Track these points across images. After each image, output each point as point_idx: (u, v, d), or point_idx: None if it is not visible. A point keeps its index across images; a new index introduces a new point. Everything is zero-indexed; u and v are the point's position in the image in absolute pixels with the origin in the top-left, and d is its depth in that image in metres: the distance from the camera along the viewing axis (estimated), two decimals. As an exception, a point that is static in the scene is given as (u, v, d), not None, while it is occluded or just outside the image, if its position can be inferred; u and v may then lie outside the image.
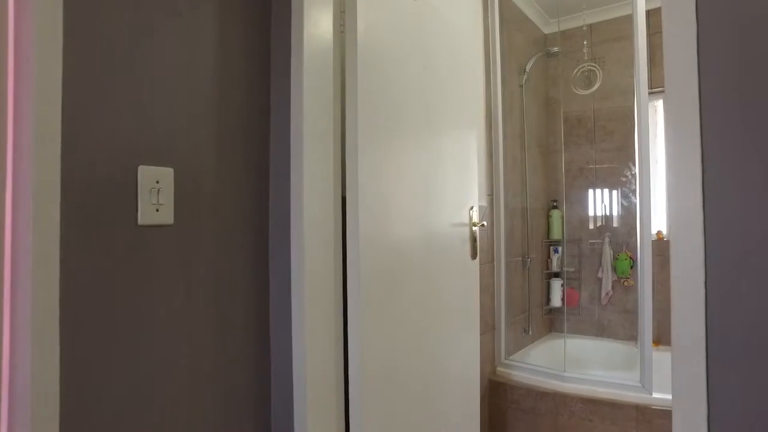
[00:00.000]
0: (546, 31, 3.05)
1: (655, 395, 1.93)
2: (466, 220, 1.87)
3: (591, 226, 2.91)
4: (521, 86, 2.73)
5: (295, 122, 1.22)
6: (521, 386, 2.21)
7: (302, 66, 1.21)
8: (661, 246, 2.68)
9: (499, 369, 2.37)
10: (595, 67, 2.69)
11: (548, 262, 3.03)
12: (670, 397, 1.93)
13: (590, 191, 2.95)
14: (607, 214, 2.88)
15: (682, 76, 0.70)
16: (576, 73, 2.75)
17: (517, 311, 2.63)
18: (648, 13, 2.72)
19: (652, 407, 1.90)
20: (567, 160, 3.01)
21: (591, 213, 2.94)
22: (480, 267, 2.20)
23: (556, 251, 3.00)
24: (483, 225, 1.96)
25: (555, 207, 3.03)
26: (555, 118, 3.06)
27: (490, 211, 2.44)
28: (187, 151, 1.05)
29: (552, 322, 3.05)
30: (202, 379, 1.06)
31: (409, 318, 1.49)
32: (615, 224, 2.84)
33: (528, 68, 2.75)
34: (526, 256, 2.77)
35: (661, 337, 2.64)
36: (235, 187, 1.16)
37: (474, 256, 1.92)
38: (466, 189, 1.88)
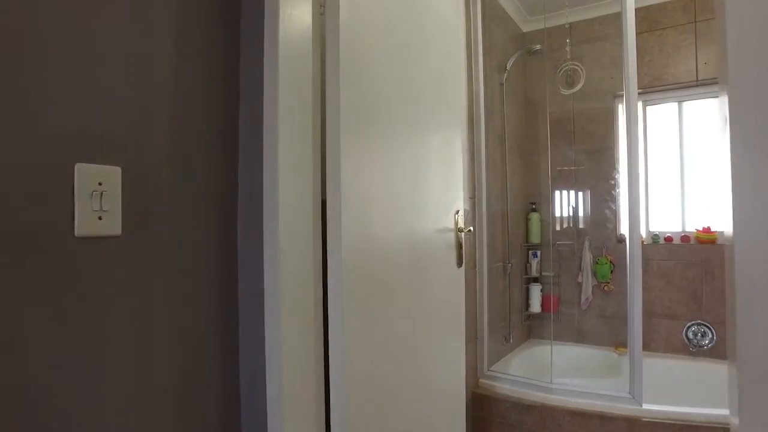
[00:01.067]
0: (525, 29, 2.98)
1: (645, 407, 1.86)
2: (452, 225, 1.75)
3: (570, 230, 2.85)
4: (501, 84, 2.64)
5: (268, 116, 1.05)
6: (506, 399, 2.10)
7: (277, 52, 1.04)
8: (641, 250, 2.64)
9: (482, 381, 2.25)
10: (578, 66, 2.63)
11: (527, 267, 2.95)
12: (659, 407, 1.87)
13: (570, 194, 2.89)
14: (587, 217, 2.83)
15: (751, 61, 0.59)
16: (559, 72, 2.69)
17: (498, 319, 2.53)
18: (627, 13, 2.69)
19: (643, 419, 1.83)
20: (546, 162, 2.94)
21: (570, 216, 2.88)
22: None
23: (535, 255, 2.93)
24: (470, 230, 1.84)
25: (534, 210, 2.95)
26: (535, 118, 2.99)
27: (471, 215, 2.33)
28: (140, 147, 0.87)
29: (531, 329, 2.97)
30: (158, 419, 0.88)
31: (395, 332, 1.35)
32: (595, 228, 2.79)
33: (509, 66, 2.66)
34: (506, 261, 2.68)
35: (642, 343, 2.60)
36: (198, 190, 0.98)
37: (460, 263, 1.79)
38: (452, 192, 1.76)
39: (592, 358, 2.64)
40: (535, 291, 2.89)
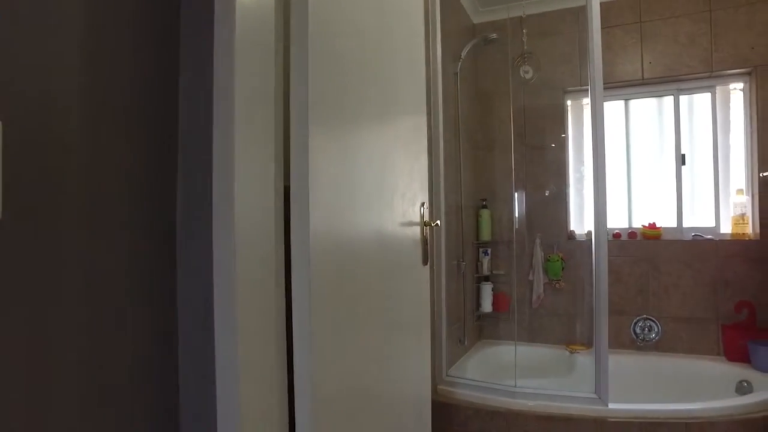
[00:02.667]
0: (476, 20, 2.89)
1: (611, 406, 1.80)
2: (418, 219, 1.58)
3: (521, 227, 2.79)
4: (456, 74, 2.52)
5: (221, 82, 0.81)
6: (468, 406, 1.97)
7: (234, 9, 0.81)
8: (591, 246, 2.64)
9: (441, 387, 2.11)
10: (534, 57, 2.57)
11: (477, 265, 2.86)
12: (625, 407, 1.82)
13: (520, 190, 2.83)
14: (538, 213, 2.79)
15: None
16: (517, 62, 2.62)
17: (453, 320, 2.40)
18: (577, 10, 2.69)
19: (609, 420, 1.77)
20: (497, 157, 2.88)
21: (521, 213, 2.83)
22: (420, 273, 1.94)
23: (486, 253, 2.84)
24: (437, 224, 1.68)
25: (484, 206, 2.87)
26: (487, 110, 2.91)
27: (429, 209, 2.17)
28: (33, 96, 0.59)
29: (481, 329, 2.89)
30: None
31: (366, 342, 1.16)
32: (545, 224, 2.76)
33: (463, 55, 2.55)
34: (461, 259, 2.56)
35: (591, 340, 2.59)
36: (120, 161, 0.72)
37: (426, 261, 1.63)
38: (417, 182, 1.60)
39: (545, 357, 2.59)
40: (487, 290, 2.81)
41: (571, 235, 2.72)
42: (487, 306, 2.80)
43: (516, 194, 2.79)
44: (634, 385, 2.30)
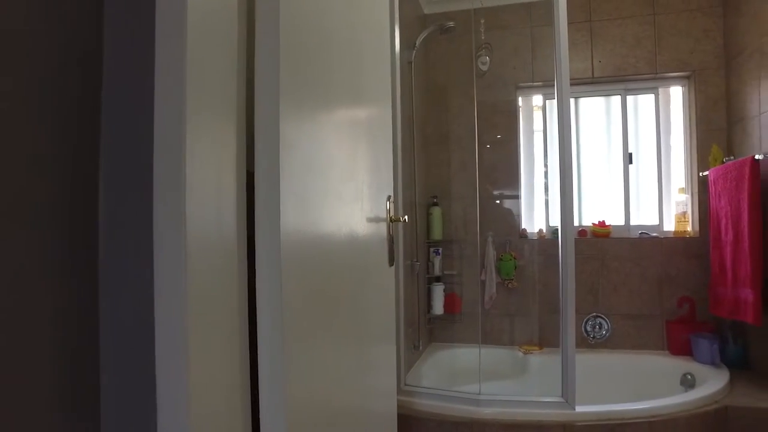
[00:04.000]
0: (426, 11, 2.77)
1: (579, 409, 1.74)
2: (384, 214, 1.41)
3: (473, 225, 2.71)
4: (410, 63, 2.38)
5: (166, 20, 0.59)
6: (430, 417, 1.82)
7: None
8: (543, 245, 2.62)
9: (400, 398, 1.94)
10: (489, 46, 2.49)
11: (429, 266, 2.74)
12: (592, 409, 1.76)
13: (472, 187, 2.75)
14: (489, 212, 2.72)
15: None
16: (479, 51, 2.52)
17: (407, 324, 2.26)
18: (529, 5, 2.66)
19: (577, 424, 1.71)
20: (450, 153, 2.78)
21: (472, 211, 2.74)
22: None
23: (437, 253, 2.73)
24: (405, 220, 1.52)
25: (435, 204, 2.75)
26: (439, 103, 2.80)
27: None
28: None
29: (432, 332, 2.77)
30: None
31: (338, 356, 0.99)
32: (497, 223, 2.69)
33: (418, 43, 2.41)
34: (414, 259, 2.42)
35: (543, 340, 2.57)
36: (13, 133, 0.48)
37: (392, 261, 1.47)
38: (384, 173, 1.43)
39: (499, 358, 2.52)
40: (438, 291, 2.69)
41: (524, 234, 2.68)
42: (438, 308, 2.68)
43: (469, 192, 2.70)
44: (587, 384, 2.28)
